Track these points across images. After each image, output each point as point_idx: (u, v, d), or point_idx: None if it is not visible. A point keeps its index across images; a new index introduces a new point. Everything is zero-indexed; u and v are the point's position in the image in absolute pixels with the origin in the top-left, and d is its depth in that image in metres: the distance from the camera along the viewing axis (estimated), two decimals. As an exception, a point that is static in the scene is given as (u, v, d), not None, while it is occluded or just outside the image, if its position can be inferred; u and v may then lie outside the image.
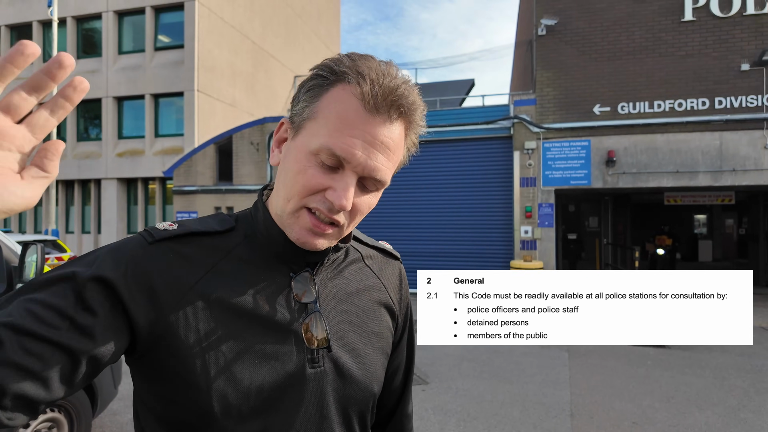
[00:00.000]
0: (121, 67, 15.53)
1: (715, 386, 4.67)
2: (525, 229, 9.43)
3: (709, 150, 8.72)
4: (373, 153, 0.62)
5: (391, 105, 0.62)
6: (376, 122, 0.62)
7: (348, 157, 0.61)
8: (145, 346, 0.61)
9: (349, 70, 0.62)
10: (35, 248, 2.82)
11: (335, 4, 25.43)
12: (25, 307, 0.54)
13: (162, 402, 0.63)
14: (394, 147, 0.65)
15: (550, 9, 9.48)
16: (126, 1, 15.43)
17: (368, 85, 0.61)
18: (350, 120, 0.61)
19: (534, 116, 9.55)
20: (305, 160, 0.63)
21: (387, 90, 0.61)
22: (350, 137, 0.61)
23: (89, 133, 16.30)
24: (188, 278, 0.63)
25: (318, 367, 0.67)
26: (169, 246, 0.64)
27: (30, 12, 16.31)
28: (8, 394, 0.50)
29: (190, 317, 0.62)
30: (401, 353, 0.86)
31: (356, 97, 0.61)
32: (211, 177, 12.30)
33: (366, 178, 0.64)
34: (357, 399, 0.70)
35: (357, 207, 0.66)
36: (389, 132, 0.63)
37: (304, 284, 0.69)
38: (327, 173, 0.63)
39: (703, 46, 8.81)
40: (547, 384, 4.71)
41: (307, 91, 0.65)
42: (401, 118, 0.64)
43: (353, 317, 0.73)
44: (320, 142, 0.62)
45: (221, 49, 15.81)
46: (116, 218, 15.52)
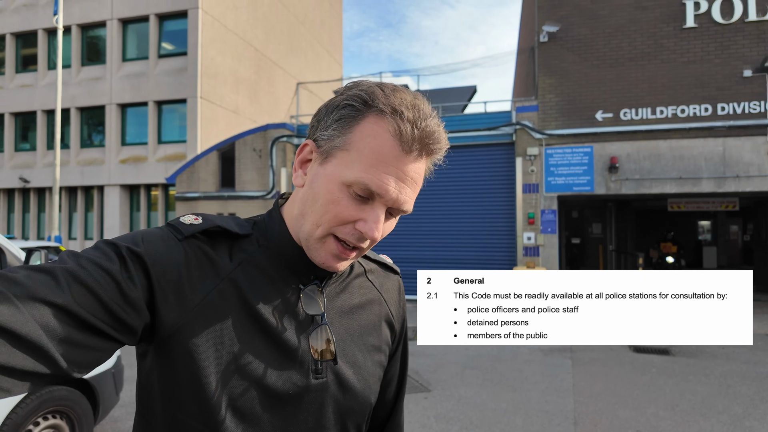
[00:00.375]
0: (125, 75, 15.65)
1: (720, 394, 4.63)
2: (528, 236, 9.41)
3: (713, 156, 8.70)
4: (403, 188, 0.65)
5: (424, 146, 0.65)
6: (409, 160, 0.65)
7: (382, 192, 0.64)
8: (162, 336, 0.62)
9: (383, 105, 0.64)
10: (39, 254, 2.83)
11: (338, 11, 25.62)
12: (77, 261, 0.57)
13: (165, 397, 0.64)
14: (419, 180, 0.69)
15: (552, 16, 9.52)
16: (130, 9, 15.58)
17: (405, 125, 0.63)
18: (385, 157, 0.63)
19: (536, 122, 9.56)
20: (338, 191, 0.65)
21: (425, 133, 0.64)
22: (385, 174, 0.63)
23: (92, 139, 16.39)
24: (212, 280, 0.66)
25: (321, 378, 0.69)
26: (197, 244, 0.66)
27: (35, 20, 16.48)
28: (60, 337, 0.52)
29: (208, 316, 0.64)
30: (395, 365, 0.88)
31: (392, 135, 0.63)
32: (214, 183, 12.34)
33: (393, 209, 0.68)
34: (355, 410, 0.73)
35: (382, 234, 0.69)
36: (418, 168, 0.67)
37: (312, 297, 0.71)
38: (358, 204, 0.65)
39: (705, 53, 8.83)
40: (551, 391, 4.67)
41: (338, 120, 0.66)
42: (430, 156, 0.68)
43: (355, 331, 0.76)
44: (355, 176, 0.63)
45: (224, 56, 15.93)
46: (119, 225, 15.56)
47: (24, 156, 16.75)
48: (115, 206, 15.62)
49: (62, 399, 2.99)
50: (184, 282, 0.63)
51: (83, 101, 15.97)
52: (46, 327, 0.51)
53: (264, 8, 18.12)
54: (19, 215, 16.97)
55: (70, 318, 0.53)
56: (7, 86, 16.83)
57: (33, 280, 0.52)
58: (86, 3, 15.99)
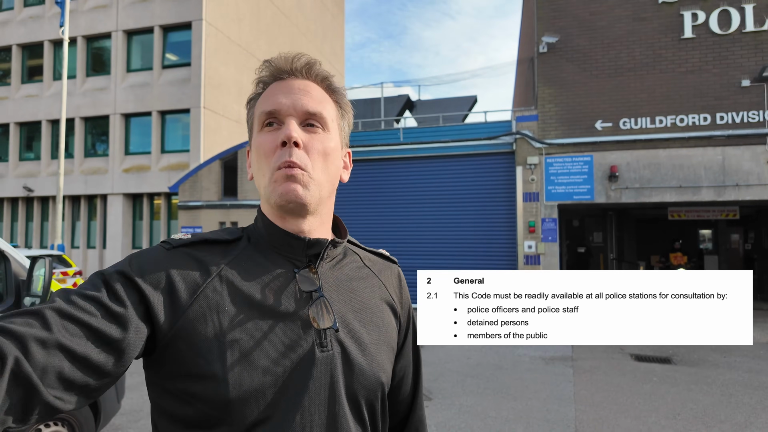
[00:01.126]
0: (129, 85, 15.80)
1: (722, 403, 4.61)
2: (528, 244, 9.42)
3: (712, 165, 8.74)
4: (295, 97, 0.74)
5: (293, 66, 0.76)
6: (289, 82, 0.76)
7: (276, 107, 0.74)
8: (164, 341, 0.65)
9: (263, 78, 0.78)
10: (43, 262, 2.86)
11: (339, 23, 25.89)
12: (66, 297, 0.61)
13: (180, 399, 0.66)
14: (315, 95, 0.76)
15: (551, 27, 9.63)
16: (135, 21, 15.78)
17: (273, 64, 0.77)
18: (272, 91, 0.76)
19: (536, 132, 9.62)
20: (256, 139, 0.76)
21: (287, 59, 0.76)
22: (272, 97, 0.75)
23: (96, 149, 16.50)
24: (202, 277, 0.69)
25: (327, 350, 0.70)
26: (185, 251, 0.71)
27: (41, 32, 16.69)
28: (52, 373, 0.55)
29: (206, 312, 0.67)
30: (407, 356, 0.88)
31: (269, 79, 0.77)
32: (216, 192, 12.39)
33: (305, 120, 0.74)
34: (365, 385, 0.73)
35: (309, 145, 0.74)
36: (304, 84, 0.76)
37: (306, 276, 0.74)
38: (274, 132, 0.74)
39: (704, 63, 8.91)
40: (552, 400, 4.66)
41: (248, 112, 0.80)
42: (310, 78, 0.77)
43: (356, 307, 0.77)
44: (257, 117, 0.76)
45: (227, 66, 16.08)
46: (121, 233, 15.60)
47: (28, 165, 16.85)
48: (117, 215, 15.68)
49: (65, 406, 2.99)
50: (175, 285, 0.67)
51: (88, 111, 16.11)
52: (37, 365, 0.54)
53: (267, 20, 18.32)
54: (23, 224, 17.03)
55: (61, 352, 0.56)
56: (13, 96, 16.98)
57: (27, 324, 0.56)
58: (92, 15, 16.20)
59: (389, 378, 0.78)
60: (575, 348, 6.85)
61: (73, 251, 16.23)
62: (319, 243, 0.76)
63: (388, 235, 10.45)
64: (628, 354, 6.51)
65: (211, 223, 12.27)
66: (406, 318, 0.88)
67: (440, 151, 10.29)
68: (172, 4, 15.39)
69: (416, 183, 10.52)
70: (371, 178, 10.83)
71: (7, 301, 2.76)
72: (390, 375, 0.79)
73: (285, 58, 0.76)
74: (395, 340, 0.83)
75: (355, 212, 10.78)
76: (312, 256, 0.76)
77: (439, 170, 10.36)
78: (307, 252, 0.75)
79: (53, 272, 3.07)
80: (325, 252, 0.77)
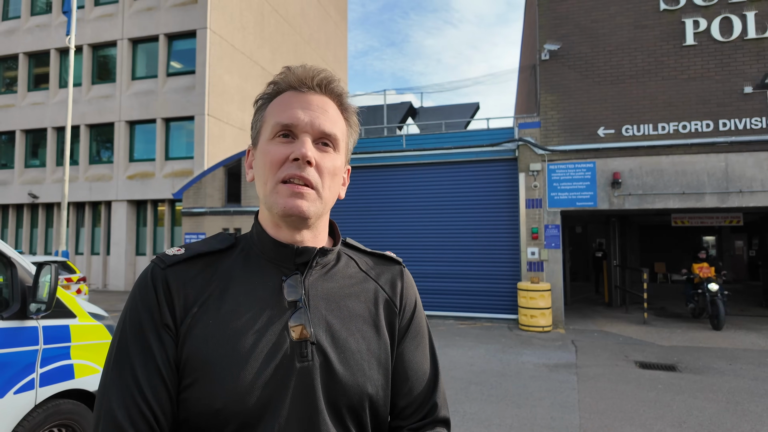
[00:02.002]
0: (134, 93, 15.93)
1: (728, 411, 4.58)
2: (532, 251, 9.41)
3: (715, 172, 8.73)
4: (313, 114, 0.75)
5: (316, 82, 0.77)
6: (307, 96, 0.76)
7: (294, 121, 0.74)
8: None
9: (278, 81, 0.78)
10: (49, 268, 2.88)
11: (342, 31, 26.07)
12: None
13: (178, 416, 0.70)
14: (331, 114, 0.77)
15: (553, 34, 9.68)
16: (140, 29, 15.94)
17: (292, 75, 0.77)
18: (288, 101, 0.76)
19: (539, 138, 9.64)
20: (267, 146, 0.76)
21: (310, 72, 0.77)
22: (291, 109, 0.75)
23: (101, 156, 16.62)
24: (196, 294, 0.73)
25: (306, 361, 0.71)
26: (180, 268, 0.74)
27: (48, 40, 16.88)
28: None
29: (197, 326, 0.70)
30: (412, 353, 0.83)
31: (288, 87, 0.77)
32: (220, 199, 12.45)
33: (319, 139, 0.75)
34: (347, 395, 0.72)
35: (321, 165, 0.75)
36: (322, 102, 0.77)
37: (293, 285, 0.75)
38: (286, 145, 0.74)
39: (706, 70, 8.92)
40: (556, 408, 4.64)
41: (256, 112, 0.80)
42: (327, 94, 0.78)
43: (344, 316, 0.77)
44: (270, 126, 0.75)
45: (231, 74, 16.21)
46: (125, 240, 15.66)
47: (33, 172, 16.97)
48: (122, 221, 15.75)
49: (69, 412, 3.01)
50: (175, 302, 0.71)
51: (93, 118, 16.25)
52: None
53: (271, 28, 18.48)
54: (27, 230, 17.12)
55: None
56: (19, 104, 17.15)
57: None
58: (98, 23, 16.39)
59: (380, 388, 0.76)
60: (579, 355, 6.82)
61: (77, 257, 16.30)
62: (308, 251, 0.76)
63: (391, 241, 10.45)
64: (633, 361, 6.47)
65: (214, 230, 12.31)
66: (409, 316, 0.85)
67: (443, 157, 10.32)
68: (177, 12, 15.56)
69: (419, 190, 10.54)
70: (374, 184, 10.86)
71: (13, 307, 2.78)
72: (381, 384, 0.76)
73: (307, 69, 0.77)
74: (388, 346, 0.79)
75: (358, 219, 10.80)
76: (300, 265, 0.77)
77: (442, 177, 10.38)
78: (296, 260, 0.76)
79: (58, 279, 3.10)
80: (314, 260, 0.77)
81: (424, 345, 0.86)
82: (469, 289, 9.95)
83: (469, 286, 9.95)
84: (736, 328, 8.73)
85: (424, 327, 0.88)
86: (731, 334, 8.22)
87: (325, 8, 23.58)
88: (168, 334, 0.70)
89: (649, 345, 7.48)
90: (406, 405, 0.81)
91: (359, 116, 0.85)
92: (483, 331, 8.72)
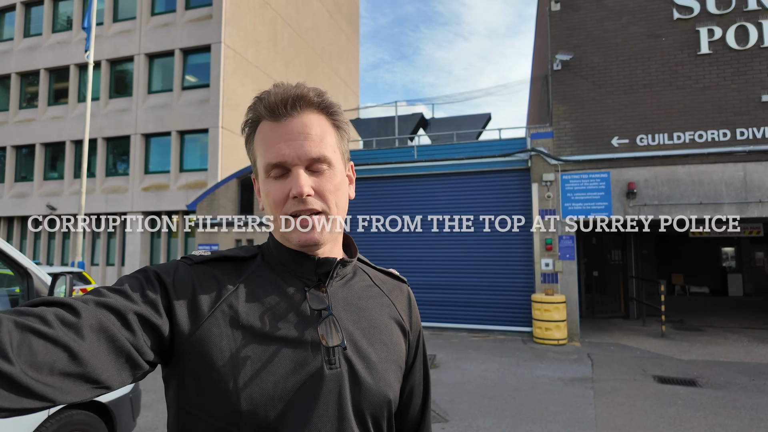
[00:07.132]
0: (150, 106, 16.25)
1: (752, 428, 4.42)
2: (546, 262, 9.28)
3: (733, 181, 8.56)
4: (297, 144, 0.74)
5: (290, 104, 0.74)
6: (286, 123, 0.75)
7: (280, 158, 0.74)
8: (181, 349, 0.68)
9: (253, 109, 0.78)
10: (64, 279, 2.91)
11: (354, 44, 26.37)
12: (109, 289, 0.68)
13: (193, 414, 0.68)
14: (315, 133, 0.75)
15: (565, 45, 9.65)
16: (157, 44, 16.31)
17: (262, 104, 0.76)
18: (267, 136, 0.76)
19: (551, 149, 9.57)
20: (265, 186, 0.77)
21: (280, 96, 0.74)
22: (274, 146, 0.74)
23: (117, 168, 16.92)
24: (220, 293, 0.73)
25: (335, 368, 0.72)
26: (205, 267, 0.75)
27: (68, 56, 17.34)
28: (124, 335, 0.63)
29: (221, 325, 0.70)
30: (416, 376, 0.89)
31: (263, 119, 0.76)
32: (233, 210, 12.56)
33: (311, 165, 0.75)
34: (371, 403, 0.74)
35: (321, 189, 0.75)
36: (301, 125, 0.75)
37: (316, 294, 0.76)
38: (282, 182, 0.75)
39: (721, 79, 8.80)
40: (572, 423, 4.52)
41: (246, 143, 0.81)
42: (304, 109, 0.76)
43: (364, 326, 0.79)
44: (262, 166, 0.76)
45: (245, 87, 16.45)
46: (140, 251, 15.85)
47: (52, 184, 17.33)
48: (136, 233, 15.96)
49: (81, 423, 3.01)
50: (196, 296, 0.71)
51: (110, 132, 16.58)
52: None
53: (284, 42, 18.77)
54: (45, 241, 17.44)
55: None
56: (39, 118, 17.59)
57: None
58: (116, 39, 16.81)
59: (397, 395, 0.79)
60: (595, 369, 6.67)
61: (93, 268, 16.53)
62: (329, 262, 0.78)
63: (402, 253, 10.41)
64: (651, 375, 6.31)
65: (227, 241, 12.40)
66: (415, 337, 0.89)
67: (455, 168, 10.30)
68: (193, 28, 15.89)
69: (431, 200, 10.51)
70: (386, 196, 10.86)
71: (28, 318, 2.81)
72: (398, 392, 0.80)
73: (278, 93, 0.75)
74: (403, 359, 0.84)
75: (369, 230, 10.79)
76: (322, 275, 0.78)
77: (454, 187, 10.34)
78: (317, 271, 0.77)
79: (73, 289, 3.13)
80: (335, 271, 0.79)
81: (425, 365, 0.92)
82: (482, 300, 9.84)
83: (482, 297, 9.83)
84: (757, 342, 8.48)
85: (424, 348, 0.92)
86: (753, 348, 7.99)
87: (338, 22, 23.90)
88: (153, 308, 0.67)
89: (668, 359, 7.29)
90: (404, 423, 0.89)
91: (368, 126, 0.85)
92: (496, 343, 8.59)
